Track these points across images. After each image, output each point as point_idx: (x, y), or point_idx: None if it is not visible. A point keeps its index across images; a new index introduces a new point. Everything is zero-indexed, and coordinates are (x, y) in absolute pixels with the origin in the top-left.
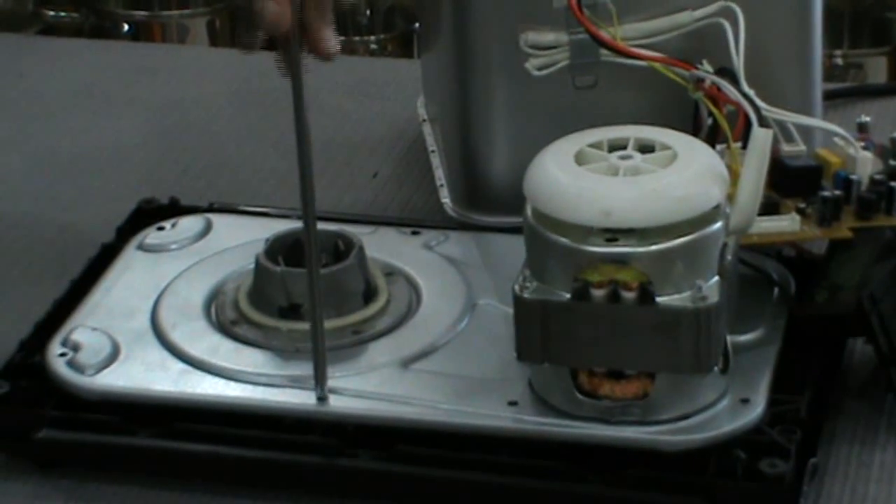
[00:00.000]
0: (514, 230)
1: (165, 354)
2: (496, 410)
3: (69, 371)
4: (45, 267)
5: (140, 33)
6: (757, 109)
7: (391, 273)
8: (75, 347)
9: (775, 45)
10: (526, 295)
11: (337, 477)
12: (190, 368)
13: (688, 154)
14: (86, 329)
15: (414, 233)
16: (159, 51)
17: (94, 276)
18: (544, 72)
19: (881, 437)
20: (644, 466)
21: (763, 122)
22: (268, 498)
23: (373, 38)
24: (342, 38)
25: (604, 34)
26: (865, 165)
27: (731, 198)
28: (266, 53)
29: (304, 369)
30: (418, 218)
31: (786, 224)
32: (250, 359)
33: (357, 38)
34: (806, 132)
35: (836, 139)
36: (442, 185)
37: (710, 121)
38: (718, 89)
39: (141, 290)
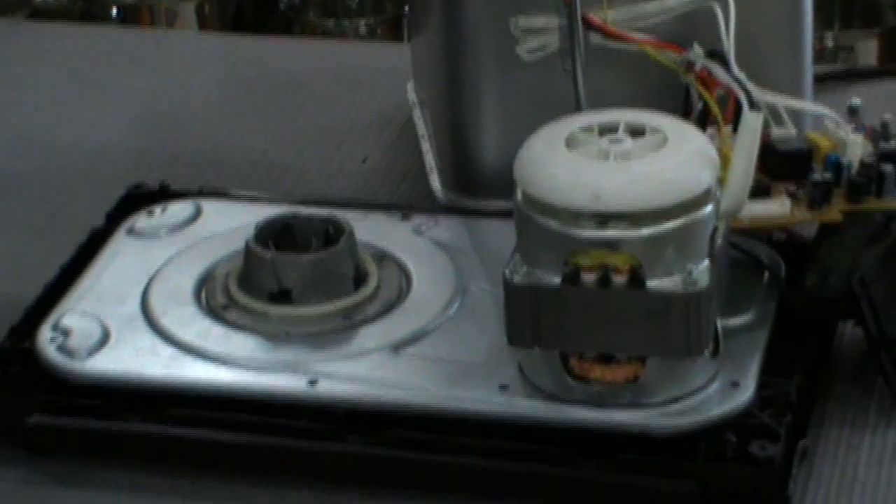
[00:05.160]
0: (504, 215)
1: (156, 339)
2: (487, 395)
3: (60, 356)
4: (34, 252)
5: (129, 17)
6: (748, 93)
7: (381, 258)
8: (65, 332)
9: (766, 28)
10: (516, 279)
11: (327, 461)
12: (180, 353)
13: (678, 138)
14: (76, 314)
15: (404, 218)
16: (148, 36)
17: (83, 262)
18: (535, 56)
19: (871, 419)
20: (634, 450)
21: (754, 106)
22: (258, 482)
23: (362, 21)
24: (331, 20)
25: (594, 17)
26: (856, 149)
27: (721, 182)
28: (256, 38)
29: (295, 354)
30: (408, 203)
31: (776, 208)
32: (241, 343)
33: (346, 22)
34: (796, 115)
35: (827, 122)
36: (432, 170)
37: (700, 104)
38: (709, 73)
39: (131, 275)
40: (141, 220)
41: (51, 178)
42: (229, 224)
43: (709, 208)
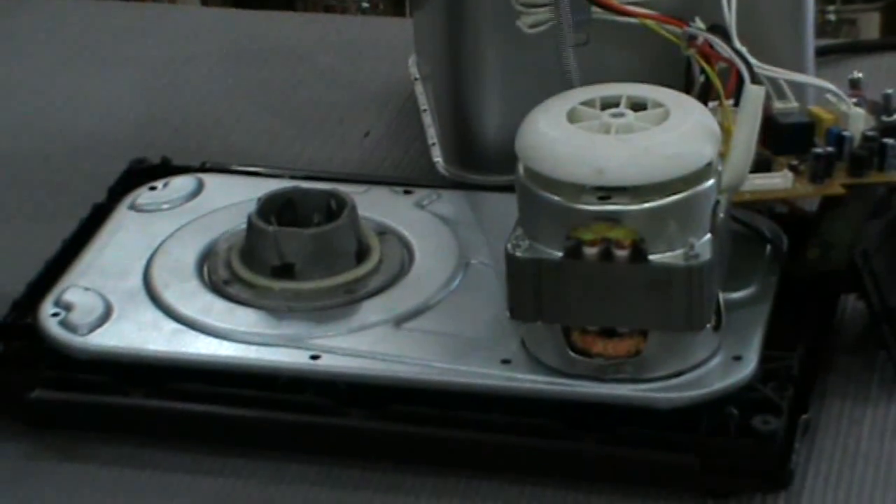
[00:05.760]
0: (506, 189)
1: (158, 314)
2: (489, 369)
3: (62, 331)
4: (36, 227)
5: None
6: (749, 66)
7: (383, 232)
8: (68, 307)
9: (768, 2)
10: (518, 253)
11: (329, 436)
12: (183, 328)
13: (680, 112)
14: (78, 289)
15: (406, 192)
16: (151, 10)
17: (85, 237)
18: (536, 29)
19: (873, 393)
20: (636, 424)
21: (755, 79)
22: (260, 457)
23: None
24: None
25: None
26: (858, 122)
27: (723, 155)
28: (258, 12)
29: (297, 328)
30: (411, 177)
31: (778, 181)
32: (243, 318)
33: None
34: (798, 89)
35: (829, 96)
36: (434, 144)
37: (702, 78)
38: (711, 46)
39: (133, 250)
40: (143, 195)
41: (52, 153)
42: (231, 199)
43: (710, 182)
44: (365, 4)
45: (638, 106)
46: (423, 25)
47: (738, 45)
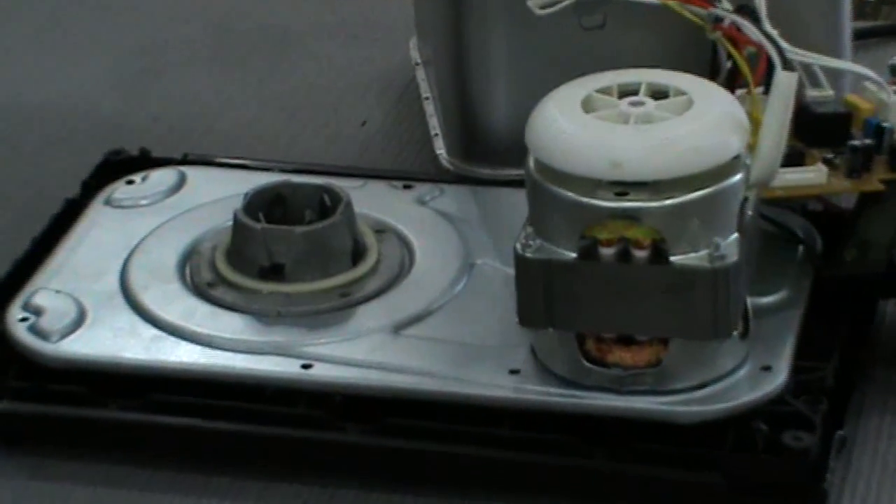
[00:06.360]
0: (515, 183)
1: (136, 319)
2: (496, 379)
3: (31, 337)
4: (4, 224)
5: None
6: (780, 51)
7: (382, 230)
8: (38, 312)
9: None
10: (528, 254)
11: (322, 451)
12: (163, 334)
13: (704, 100)
14: (49, 292)
15: (406, 186)
16: None
17: (57, 235)
18: (548, 11)
19: None
20: (657, 439)
21: (787, 65)
22: (247, 474)
23: None
24: None
25: None
26: None
27: (751, 148)
28: None
29: (288, 335)
30: (411, 170)
31: (812, 176)
32: (229, 324)
33: None
34: (834, 76)
35: (867, 83)
36: (437, 135)
37: (728, 64)
38: (738, 29)
39: (109, 250)
40: (120, 190)
41: (21, 143)
42: (216, 194)
43: (738, 177)
44: None
45: (659, 94)
46: (425, 6)
47: (768, 27)
